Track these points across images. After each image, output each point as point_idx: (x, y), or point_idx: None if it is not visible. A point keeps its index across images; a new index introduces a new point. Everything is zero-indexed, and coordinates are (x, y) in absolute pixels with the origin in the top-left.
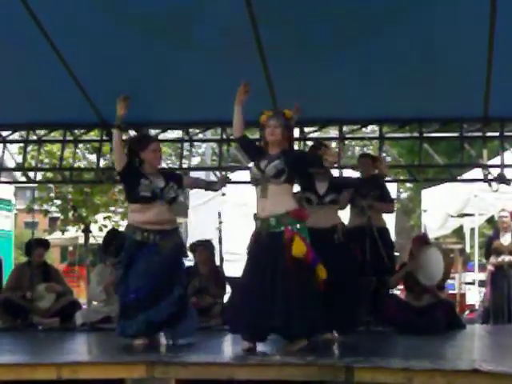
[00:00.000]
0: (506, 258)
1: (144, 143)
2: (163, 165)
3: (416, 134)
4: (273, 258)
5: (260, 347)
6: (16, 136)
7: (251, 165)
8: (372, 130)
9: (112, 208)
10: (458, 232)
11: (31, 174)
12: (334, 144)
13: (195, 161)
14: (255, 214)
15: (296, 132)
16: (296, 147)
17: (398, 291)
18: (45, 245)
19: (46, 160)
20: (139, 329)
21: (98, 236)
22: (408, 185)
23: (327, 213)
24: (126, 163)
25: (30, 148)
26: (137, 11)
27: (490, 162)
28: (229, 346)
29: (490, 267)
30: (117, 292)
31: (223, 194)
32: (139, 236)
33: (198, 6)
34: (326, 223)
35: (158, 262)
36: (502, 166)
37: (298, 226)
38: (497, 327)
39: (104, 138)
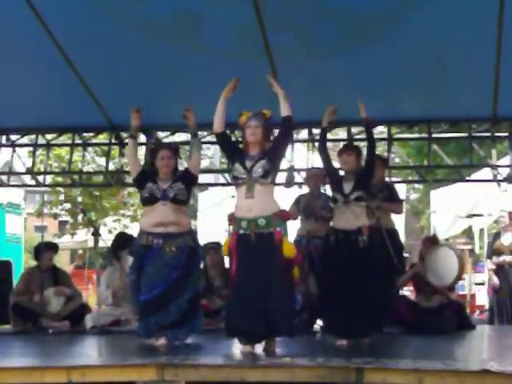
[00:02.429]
0: (507, 258)
1: (155, 152)
2: None
3: (424, 135)
4: (265, 258)
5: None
6: (25, 140)
7: (236, 163)
8: (380, 131)
9: (121, 211)
10: (468, 233)
11: (40, 178)
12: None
13: (204, 163)
14: (232, 214)
15: (304, 133)
16: (305, 149)
17: (409, 292)
18: (54, 248)
19: (55, 164)
20: (151, 330)
21: (107, 239)
22: (417, 186)
23: (354, 212)
24: (139, 171)
25: (38, 152)
26: (145, 15)
27: (499, 163)
28: (239, 348)
29: (491, 267)
30: (131, 296)
31: (233, 197)
32: (144, 240)
33: (206, 10)
34: (351, 225)
35: (165, 265)
36: (511, 166)
37: (284, 227)
38: (507, 328)
39: (113, 141)
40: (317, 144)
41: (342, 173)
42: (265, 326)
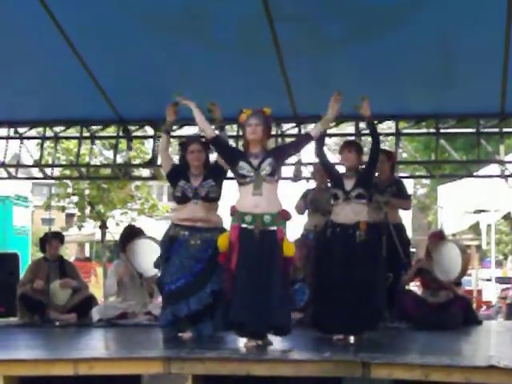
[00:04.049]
0: None
1: (185, 145)
2: None
3: (432, 130)
4: (267, 255)
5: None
6: (33, 132)
7: (241, 162)
8: (388, 126)
9: (129, 204)
10: (475, 228)
11: (48, 171)
12: None
13: (212, 157)
14: (234, 207)
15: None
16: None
17: (415, 287)
18: (60, 237)
19: (63, 157)
20: (168, 320)
21: (114, 232)
22: (424, 181)
23: (354, 209)
24: (171, 167)
25: (46, 144)
26: (152, 7)
27: (507, 158)
28: (245, 343)
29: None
30: (158, 286)
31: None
32: (172, 231)
33: (214, 2)
34: (350, 219)
35: (189, 258)
36: None
37: (285, 226)
38: None
39: (120, 134)
40: (325, 138)
41: (342, 170)
42: (264, 323)
